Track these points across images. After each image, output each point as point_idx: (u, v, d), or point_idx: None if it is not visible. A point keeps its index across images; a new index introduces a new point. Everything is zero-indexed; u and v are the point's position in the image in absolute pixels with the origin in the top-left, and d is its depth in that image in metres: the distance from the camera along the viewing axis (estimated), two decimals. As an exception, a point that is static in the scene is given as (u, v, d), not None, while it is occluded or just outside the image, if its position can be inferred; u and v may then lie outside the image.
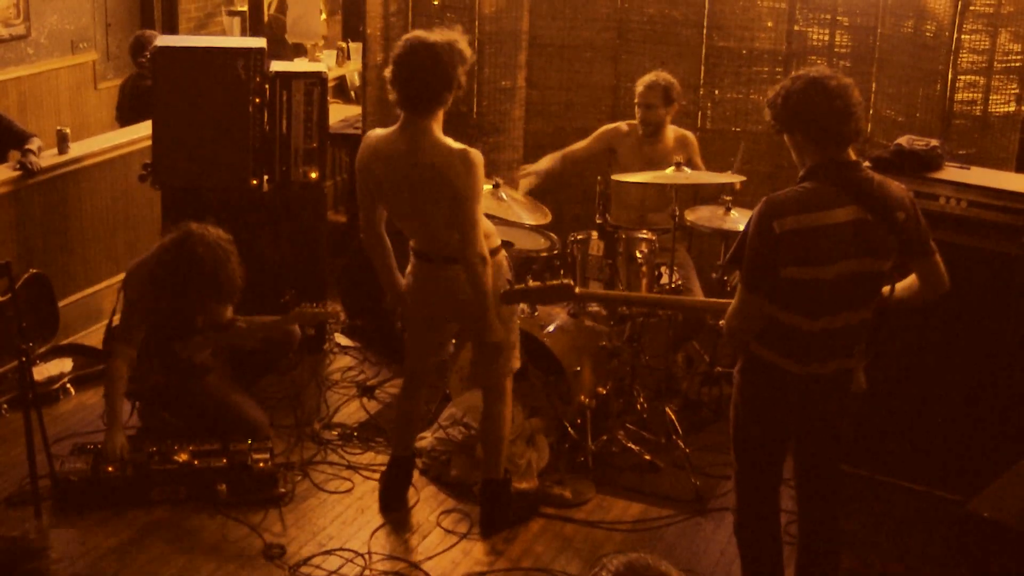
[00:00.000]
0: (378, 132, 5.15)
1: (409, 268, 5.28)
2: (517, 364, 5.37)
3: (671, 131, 6.71)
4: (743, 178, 6.30)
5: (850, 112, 3.98)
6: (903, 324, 4.20)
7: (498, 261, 5.13)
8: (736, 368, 4.28)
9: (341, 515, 5.50)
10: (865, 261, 3.98)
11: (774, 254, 3.93)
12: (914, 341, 5.25)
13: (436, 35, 4.98)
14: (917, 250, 4.07)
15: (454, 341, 5.89)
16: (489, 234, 5.09)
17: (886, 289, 4.11)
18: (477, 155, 4.95)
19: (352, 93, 10.40)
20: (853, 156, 4.04)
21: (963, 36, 6.33)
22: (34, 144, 7.06)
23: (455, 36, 5.01)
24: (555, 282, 4.63)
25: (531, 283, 4.69)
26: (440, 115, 5.03)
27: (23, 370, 5.24)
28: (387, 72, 5.01)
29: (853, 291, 4.00)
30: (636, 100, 6.67)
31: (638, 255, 5.90)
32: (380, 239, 5.26)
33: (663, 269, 5.98)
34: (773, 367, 4.10)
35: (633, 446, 5.96)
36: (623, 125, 6.81)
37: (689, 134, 6.83)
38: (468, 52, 5.03)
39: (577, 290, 4.70)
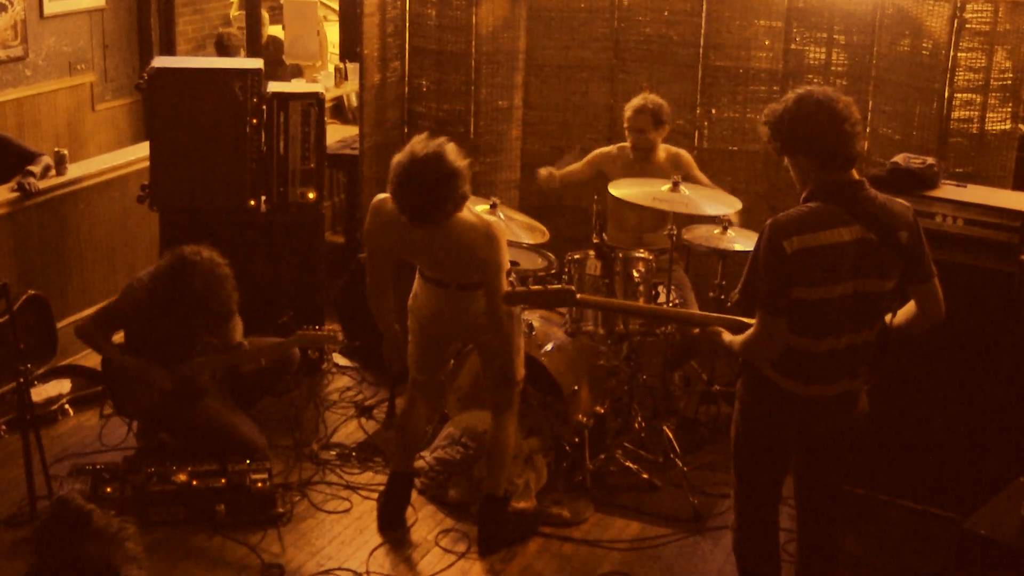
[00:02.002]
0: (390, 204, 4.99)
1: (417, 289, 5.31)
2: (522, 371, 5.38)
3: (663, 151, 6.66)
4: (739, 206, 6.26)
5: (854, 133, 3.96)
6: (901, 343, 4.18)
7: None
8: (738, 385, 4.27)
9: (340, 535, 5.50)
10: (869, 281, 3.96)
11: (787, 274, 3.92)
12: (911, 359, 5.25)
13: (432, 148, 4.81)
14: (919, 274, 4.04)
15: (452, 362, 5.90)
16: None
17: (888, 317, 4.10)
18: (499, 228, 4.98)
19: (350, 114, 10.40)
20: (856, 176, 4.04)
21: (959, 54, 6.32)
22: (39, 164, 7.00)
23: (451, 152, 4.84)
24: (557, 286, 4.66)
25: (533, 287, 4.72)
26: None
27: (21, 391, 5.25)
28: (389, 186, 4.89)
29: (857, 311, 3.98)
30: (625, 125, 6.62)
31: (635, 274, 5.90)
32: (386, 300, 5.30)
33: (660, 288, 5.98)
34: (776, 387, 4.08)
35: (631, 465, 5.96)
36: (613, 148, 6.77)
37: (683, 152, 6.78)
38: (466, 168, 4.89)
39: (578, 296, 4.71)
